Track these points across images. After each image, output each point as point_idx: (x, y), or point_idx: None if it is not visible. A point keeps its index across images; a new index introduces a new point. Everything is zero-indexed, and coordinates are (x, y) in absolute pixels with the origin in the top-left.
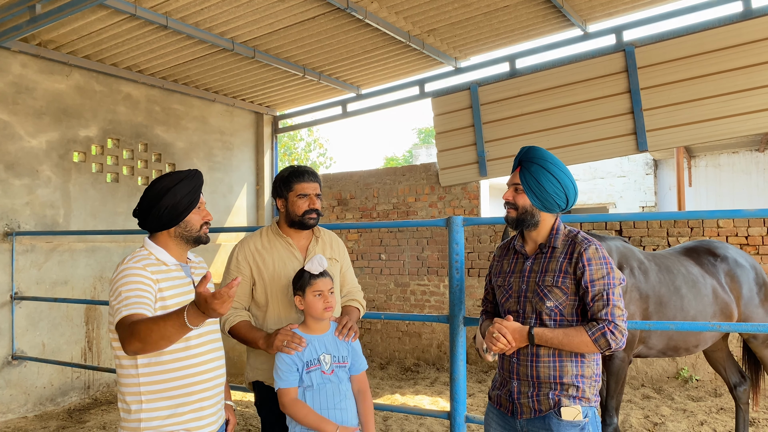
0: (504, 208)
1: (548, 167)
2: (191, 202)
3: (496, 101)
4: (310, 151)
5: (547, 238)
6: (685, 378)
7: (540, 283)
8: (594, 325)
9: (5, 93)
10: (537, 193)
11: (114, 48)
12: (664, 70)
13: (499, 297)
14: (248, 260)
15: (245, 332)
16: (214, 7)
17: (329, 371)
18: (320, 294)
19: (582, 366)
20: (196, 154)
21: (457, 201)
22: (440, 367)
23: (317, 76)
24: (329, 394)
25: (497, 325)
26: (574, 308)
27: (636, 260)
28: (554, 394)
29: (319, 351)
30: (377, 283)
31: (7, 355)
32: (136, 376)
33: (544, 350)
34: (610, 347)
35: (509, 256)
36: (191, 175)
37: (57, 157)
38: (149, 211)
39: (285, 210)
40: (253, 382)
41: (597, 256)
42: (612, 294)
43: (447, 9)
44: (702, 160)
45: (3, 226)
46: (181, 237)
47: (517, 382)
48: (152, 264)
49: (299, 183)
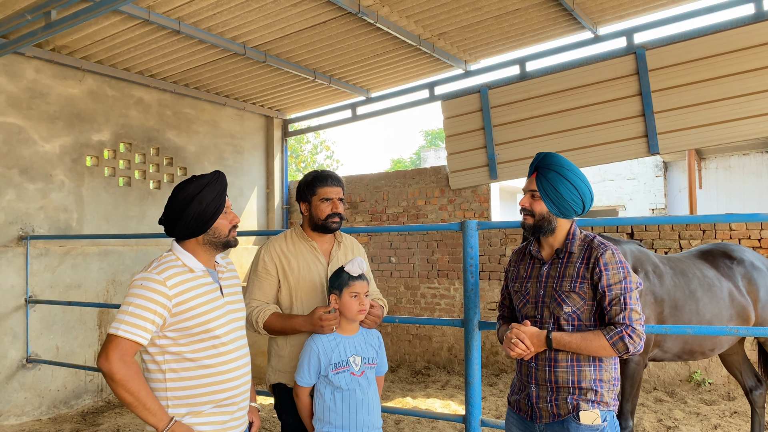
0: (520, 214)
1: (565, 174)
2: (218, 207)
3: (507, 104)
4: (317, 153)
5: (564, 243)
6: (698, 381)
7: (557, 288)
8: (612, 329)
9: (20, 98)
10: (554, 200)
11: (127, 53)
12: (676, 72)
13: (516, 302)
14: (275, 261)
15: (282, 322)
16: (227, 12)
17: (359, 373)
18: (356, 296)
19: (600, 370)
20: (207, 157)
21: (467, 204)
22: (451, 370)
23: (327, 80)
24: (359, 396)
25: (515, 330)
26: (592, 313)
27: (651, 264)
28: (573, 399)
29: (348, 352)
30: (387, 286)
31: (22, 359)
32: (163, 381)
33: (562, 355)
34: (628, 351)
35: (525, 261)
36: (215, 179)
37: (70, 161)
38: (176, 220)
39: (308, 214)
40: (274, 385)
41: (614, 260)
42: (629, 298)
43: (457, 13)
44: (712, 162)
45: (18, 230)
46: (210, 243)
47: (535, 387)
48: (178, 273)
49: (322, 187)
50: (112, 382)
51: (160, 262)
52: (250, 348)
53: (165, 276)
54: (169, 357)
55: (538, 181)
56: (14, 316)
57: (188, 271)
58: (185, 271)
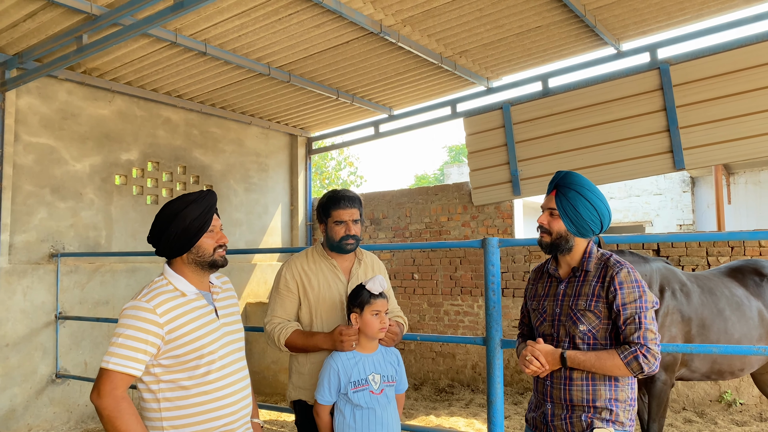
0: (537, 231)
1: (585, 193)
2: (202, 225)
3: (529, 120)
4: (341, 169)
5: (580, 261)
6: (729, 402)
7: (573, 306)
8: (626, 349)
9: (52, 119)
10: (573, 219)
11: (155, 74)
12: (701, 87)
13: (533, 320)
14: (296, 279)
15: (304, 340)
16: (252, 34)
17: (378, 391)
18: (377, 314)
19: (616, 390)
20: (232, 175)
21: (490, 220)
22: (475, 389)
23: (350, 99)
24: (378, 414)
25: (530, 348)
26: (607, 332)
27: (677, 282)
28: (587, 417)
29: (368, 370)
30: (410, 303)
31: (52, 374)
32: (158, 410)
33: (577, 373)
34: (643, 371)
35: (543, 279)
36: (201, 197)
37: (99, 180)
38: (160, 237)
39: (325, 234)
40: (295, 402)
41: (629, 279)
42: (644, 317)
43: (479, 31)
44: (741, 177)
45: (49, 248)
46: (195, 263)
47: (550, 405)
48: (169, 299)
49: (336, 210)
50: (101, 417)
51: (150, 288)
52: (273, 365)
53: (155, 303)
54: (164, 385)
55: (557, 199)
56: (45, 332)
57: (180, 296)
58: (177, 295)
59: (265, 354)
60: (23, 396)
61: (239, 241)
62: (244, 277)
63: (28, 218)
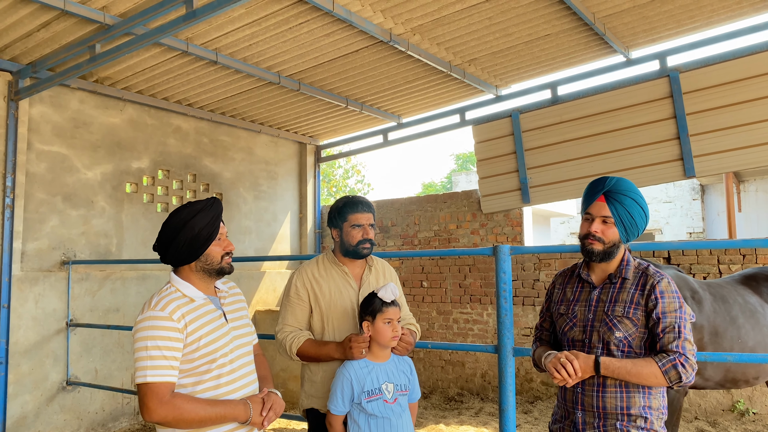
0: (584, 239)
1: (638, 200)
2: (210, 233)
3: (538, 128)
4: (348, 177)
5: (618, 268)
6: (742, 411)
7: (609, 312)
8: (664, 357)
9: (65, 128)
10: (627, 226)
11: (166, 83)
12: (711, 94)
13: (561, 325)
14: (306, 287)
15: (316, 349)
16: (262, 43)
17: (392, 400)
18: (389, 322)
19: (649, 397)
20: (242, 183)
21: (499, 228)
22: (484, 397)
23: (359, 107)
24: (393, 423)
25: (566, 353)
26: (643, 341)
27: (689, 289)
28: (622, 425)
29: (381, 380)
30: (419, 311)
31: (62, 381)
32: None
33: (610, 380)
34: (681, 380)
35: (573, 283)
36: (209, 205)
37: (110, 188)
38: (168, 246)
39: (339, 239)
40: (307, 410)
41: (670, 289)
42: (684, 327)
43: (488, 39)
44: (752, 185)
45: (60, 255)
46: (203, 270)
47: (581, 413)
48: (180, 305)
49: (353, 213)
50: (169, 427)
51: (160, 297)
52: (282, 372)
53: (169, 310)
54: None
55: (611, 206)
56: (56, 340)
57: (189, 302)
58: (186, 302)
59: (275, 362)
60: (34, 403)
61: (248, 249)
62: (253, 284)
63: (40, 226)
